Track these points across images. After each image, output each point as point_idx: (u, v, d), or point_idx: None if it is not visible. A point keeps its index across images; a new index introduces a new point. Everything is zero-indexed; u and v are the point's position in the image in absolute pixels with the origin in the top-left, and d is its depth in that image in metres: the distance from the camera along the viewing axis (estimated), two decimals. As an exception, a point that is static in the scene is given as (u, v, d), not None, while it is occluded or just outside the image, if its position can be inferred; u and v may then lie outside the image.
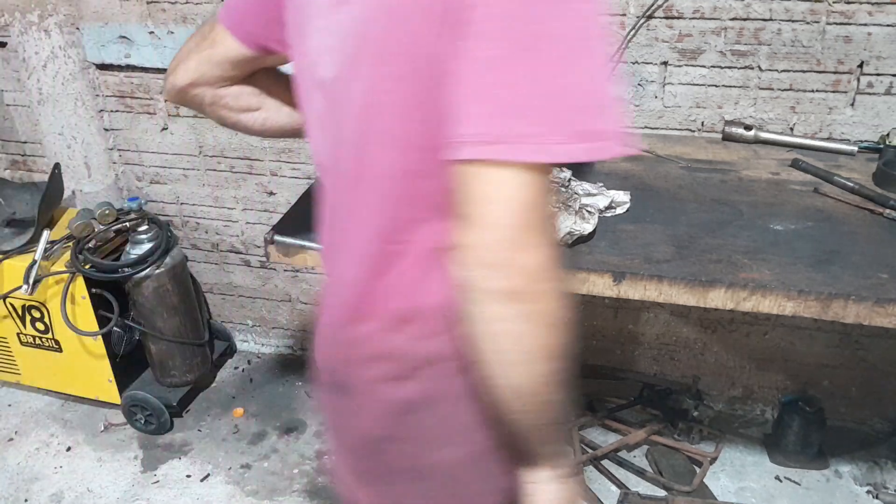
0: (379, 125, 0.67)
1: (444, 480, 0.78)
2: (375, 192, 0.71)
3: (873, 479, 1.97)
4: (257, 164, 2.23)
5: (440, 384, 0.74)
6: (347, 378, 0.79)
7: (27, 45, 2.09)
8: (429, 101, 0.63)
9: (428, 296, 0.71)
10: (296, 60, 0.81)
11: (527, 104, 0.57)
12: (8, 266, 2.06)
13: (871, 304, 1.21)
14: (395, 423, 0.76)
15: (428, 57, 0.61)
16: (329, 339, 0.82)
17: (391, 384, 0.75)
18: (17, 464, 2.15)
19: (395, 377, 0.74)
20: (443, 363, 0.73)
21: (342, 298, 0.77)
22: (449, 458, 0.76)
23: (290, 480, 2.06)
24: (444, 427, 0.75)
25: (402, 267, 0.71)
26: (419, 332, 0.73)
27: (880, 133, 1.75)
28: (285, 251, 1.48)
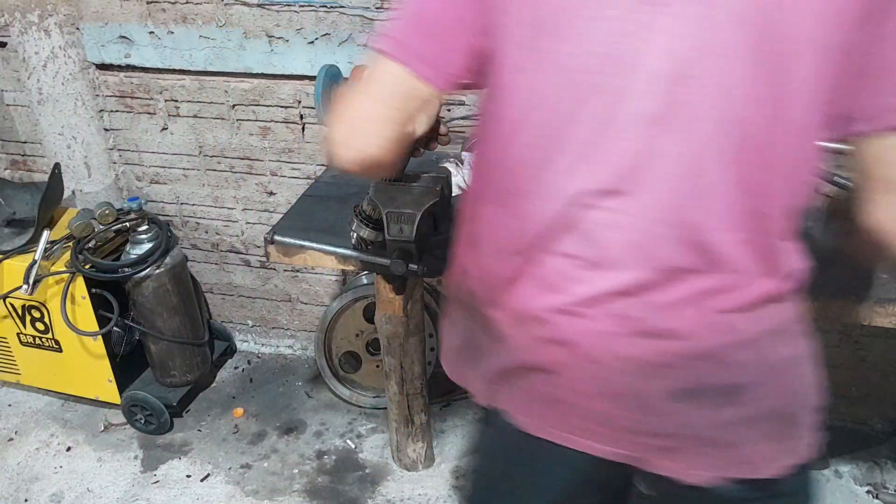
0: (787, 116, 0.70)
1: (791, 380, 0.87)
2: (781, 181, 0.74)
3: (873, 478, 1.97)
4: (257, 163, 2.23)
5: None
6: (743, 356, 0.80)
7: (27, 44, 2.09)
8: (832, 85, 0.70)
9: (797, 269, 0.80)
10: (547, 59, 0.74)
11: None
12: (8, 266, 2.06)
13: (871, 304, 1.21)
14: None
15: (841, 45, 0.68)
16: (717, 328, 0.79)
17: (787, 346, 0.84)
18: (16, 464, 2.15)
19: (789, 339, 0.84)
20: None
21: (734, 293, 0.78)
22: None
23: (290, 480, 2.06)
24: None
25: (789, 254, 0.79)
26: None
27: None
28: (285, 251, 1.49)
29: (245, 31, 1.99)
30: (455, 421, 2.25)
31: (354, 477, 2.06)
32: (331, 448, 2.17)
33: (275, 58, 2.01)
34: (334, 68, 1.84)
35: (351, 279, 2.34)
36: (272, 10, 1.95)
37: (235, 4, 1.96)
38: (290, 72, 2.02)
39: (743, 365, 0.79)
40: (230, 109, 2.15)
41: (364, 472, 2.08)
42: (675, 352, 0.77)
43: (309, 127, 2.12)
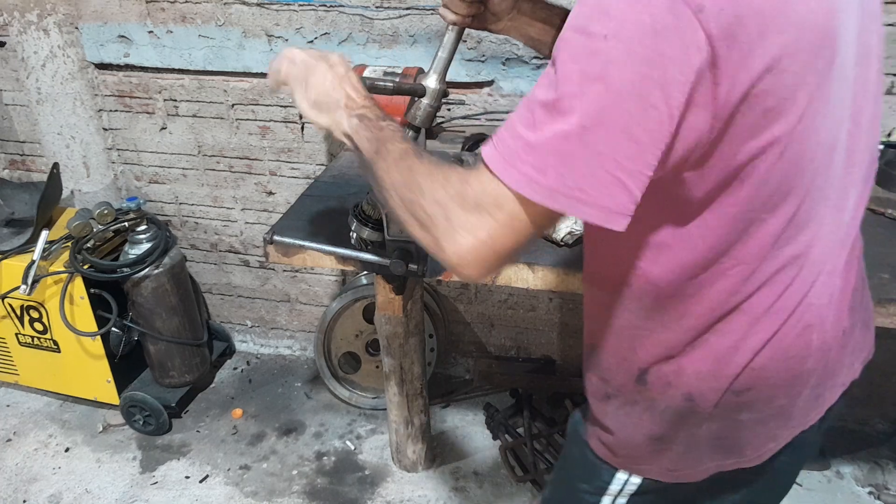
0: (878, 112, 0.84)
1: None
2: (875, 160, 0.87)
3: (875, 479, 1.96)
4: (256, 163, 2.22)
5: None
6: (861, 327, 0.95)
7: (26, 44, 2.08)
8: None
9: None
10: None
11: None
12: (6, 266, 2.06)
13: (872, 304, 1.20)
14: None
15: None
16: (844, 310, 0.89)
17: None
18: (15, 464, 2.14)
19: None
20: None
21: (844, 278, 0.87)
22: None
23: (288, 482, 2.05)
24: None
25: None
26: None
27: (882, 132, 1.75)
28: (284, 251, 1.48)
29: (244, 31, 1.99)
30: (455, 422, 2.24)
31: (354, 478, 2.06)
32: (330, 449, 2.16)
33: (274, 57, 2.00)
34: (334, 68, 1.84)
35: (350, 279, 2.33)
36: (271, 10, 1.94)
37: (235, 4, 1.96)
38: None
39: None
40: (229, 109, 2.15)
41: (363, 473, 2.08)
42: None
43: (308, 127, 2.12)
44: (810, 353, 0.83)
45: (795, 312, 0.80)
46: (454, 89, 1.94)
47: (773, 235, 0.74)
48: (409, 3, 1.85)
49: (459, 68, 1.89)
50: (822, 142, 0.72)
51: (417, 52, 1.90)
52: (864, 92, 0.79)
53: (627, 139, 0.63)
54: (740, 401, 0.84)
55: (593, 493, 0.97)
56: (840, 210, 0.81)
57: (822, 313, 0.83)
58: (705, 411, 0.85)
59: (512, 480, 2.01)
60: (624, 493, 0.96)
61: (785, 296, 0.79)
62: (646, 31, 0.60)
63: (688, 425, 0.87)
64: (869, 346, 1.01)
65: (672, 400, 0.86)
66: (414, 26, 1.87)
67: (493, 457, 2.10)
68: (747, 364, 0.82)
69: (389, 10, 1.87)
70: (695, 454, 0.90)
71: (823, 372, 0.87)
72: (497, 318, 2.30)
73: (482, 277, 0.76)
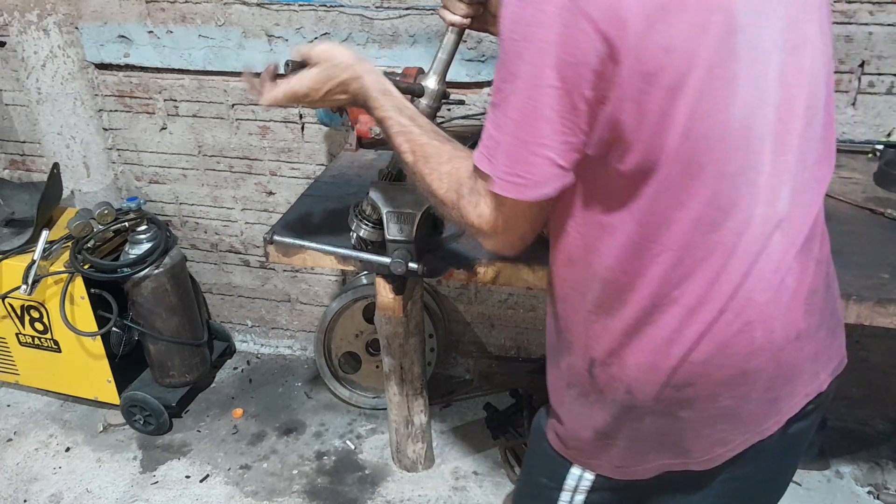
0: (821, 102, 0.85)
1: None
2: (830, 152, 0.89)
3: (874, 479, 1.97)
4: (256, 163, 2.23)
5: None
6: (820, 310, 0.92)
7: (26, 44, 2.09)
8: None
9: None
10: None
11: None
12: (7, 266, 2.06)
13: (872, 304, 1.21)
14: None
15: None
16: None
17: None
18: (15, 464, 2.14)
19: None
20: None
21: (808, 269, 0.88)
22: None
23: (289, 481, 2.06)
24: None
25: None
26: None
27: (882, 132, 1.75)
28: (284, 251, 1.48)
29: (244, 31, 1.99)
30: (455, 421, 2.25)
31: (354, 478, 2.06)
32: (330, 449, 2.17)
33: (274, 57, 2.00)
34: (334, 68, 1.84)
35: (350, 279, 2.33)
36: (271, 10, 1.94)
37: (235, 3, 1.96)
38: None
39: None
40: (229, 109, 2.15)
41: (364, 472, 2.08)
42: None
43: (308, 127, 2.12)
44: (754, 351, 0.84)
45: (731, 306, 0.81)
46: (454, 89, 1.94)
47: (693, 220, 0.78)
48: (409, 3, 1.85)
49: (459, 68, 1.89)
50: (731, 122, 0.75)
51: (417, 52, 1.90)
52: (796, 80, 0.80)
53: (541, 120, 0.75)
54: (680, 396, 0.85)
55: (553, 487, 0.99)
56: (773, 200, 0.81)
57: (767, 311, 0.83)
58: (645, 405, 0.86)
59: (512, 480, 2.01)
60: (580, 489, 0.97)
61: (716, 287, 0.80)
62: (537, 26, 0.72)
63: (630, 420, 0.89)
64: (839, 356, 0.97)
65: (616, 393, 0.88)
66: (414, 26, 1.87)
67: (493, 456, 2.10)
68: (685, 357, 0.83)
69: (389, 10, 1.87)
70: (638, 450, 0.91)
71: (775, 375, 0.87)
72: (497, 318, 2.30)
73: (508, 248, 0.90)
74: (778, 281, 0.83)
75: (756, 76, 0.75)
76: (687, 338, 0.82)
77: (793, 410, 0.91)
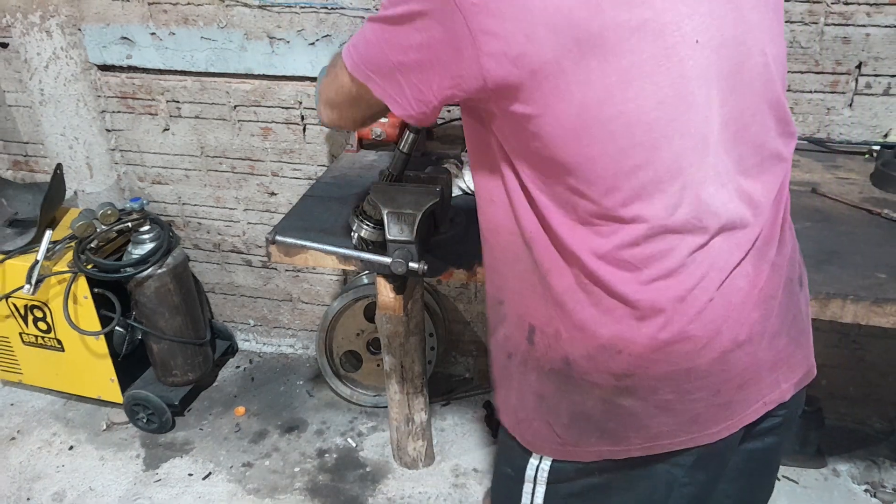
0: (781, 72, 0.85)
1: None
2: (777, 152, 0.87)
3: (871, 477, 1.98)
4: (259, 164, 2.24)
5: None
6: (787, 290, 0.91)
7: (29, 46, 2.10)
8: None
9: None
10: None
11: None
12: (10, 266, 2.07)
13: (869, 303, 1.22)
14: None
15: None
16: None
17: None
18: (19, 463, 2.16)
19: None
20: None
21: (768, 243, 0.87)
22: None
23: (291, 479, 2.07)
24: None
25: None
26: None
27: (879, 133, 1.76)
28: (286, 251, 1.49)
29: (246, 33, 2.00)
30: (455, 419, 2.26)
31: (355, 475, 2.07)
32: (332, 446, 2.18)
33: (276, 59, 2.01)
34: (335, 69, 1.85)
35: (351, 279, 2.35)
36: (273, 12, 1.96)
37: (237, 6, 1.97)
38: (292, 73, 2.02)
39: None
40: (231, 110, 2.16)
41: (365, 470, 2.09)
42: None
43: (310, 128, 2.13)
44: (695, 350, 0.82)
45: (669, 303, 0.81)
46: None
47: (605, 211, 0.79)
48: (409, 5, 1.86)
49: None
50: (622, 117, 0.75)
51: (418, 53, 1.91)
52: (730, 77, 0.79)
53: (405, 57, 0.84)
54: (620, 385, 0.85)
55: (516, 479, 0.99)
56: (706, 200, 0.80)
57: (712, 313, 0.82)
58: (584, 383, 0.87)
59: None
60: (540, 480, 0.96)
61: (640, 279, 0.81)
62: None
63: (568, 391, 0.89)
64: (804, 367, 0.95)
65: (554, 363, 0.88)
66: (414, 28, 1.88)
67: (492, 454, 2.12)
68: (618, 347, 0.83)
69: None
70: (581, 429, 0.90)
71: (724, 378, 0.85)
72: (497, 317, 2.31)
73: (326, 122, 1.11)
74: (721, 281, 0.82)
75: (661, 74, 0.75)
76: (622, 327, 0.82)
77: (749, 418, 0.89)
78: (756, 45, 0.81)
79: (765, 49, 0.82)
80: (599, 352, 0.84)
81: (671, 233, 0.79)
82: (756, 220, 0.85)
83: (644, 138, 0.76)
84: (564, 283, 0.85)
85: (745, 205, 0.84)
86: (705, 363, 0.83)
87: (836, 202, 1.53)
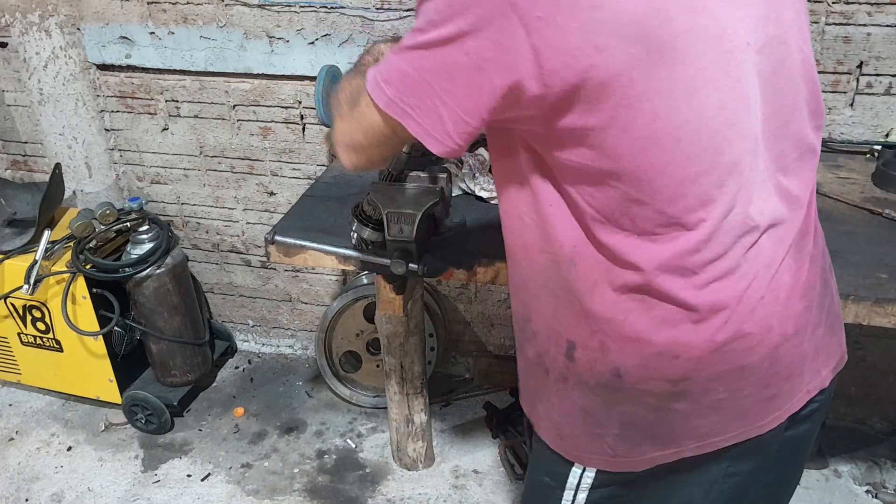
0: (814, 67, 0.86)
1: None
2: (812, 145, 0.88)
3: (872, 478, 1.97)
4: (258, 164, 2.23)
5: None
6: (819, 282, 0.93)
7: (28, 45, 2.09)
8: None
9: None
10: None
11: None
12: (9, 266, 2.06)
13: (870, 303, 1.22)
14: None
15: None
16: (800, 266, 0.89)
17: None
18: (17, 463, 2.15)
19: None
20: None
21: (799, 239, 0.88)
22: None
23: (290, 480, 2.06)
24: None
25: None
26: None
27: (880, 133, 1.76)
28: (286, 251, 1.49)
29: (246, 32, 2.00)
30: (455, 420, 2.25)
31: (355, 476, 2.07)
32: (331, 447, 2.17)
33: (275, 58, 2.01)
34: (335, 69, 1.84)
35: (351, 279, 2.34)
36: (273, 11, 1.95)
37: (236, 5, 1.97)
38: (291, 72, 2.02)
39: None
40: (231, 110, 2.16)
41: (364, 471, 2.09)
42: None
43: (309, 127, 2.13)
44: (750, 348, 0.84)
45: (724, 304, 0.81)
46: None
47: (667, 217, 0.78)
48: (409, 5, 1.86)
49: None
50: (689, 124, 0.75)
51: (418, 52, 1.90)
52: (772, 76, 0.80)
53: (451, 83, 0.76)
54: (675, 390, 0.85)
55: (556, 486, 0.99)
56: (756, 199, 0.81)
57: (762, 309, 0.83)
58: (637, 392, 0.86)
59: (511, 478, 2.02)
60: (582, 487, 0.97)
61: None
62: (467, 6, 0.72)
63: (619, 403, 0.88)
64: (839, 353, 0.98)
65: (601, 376, 0.88)
66: (414, 27, 1.88)
67: (492, 455, 2.11)
68: (676, 352, 0.83)
69: (390, 11, 1.88)
70: (632, 439, 0.90)
71: (772, 372, 0.86)
72: (497, 318, 2.31)
73: (351, 167, 0.97)
74: (770, 277, 0.83)
75: (723, 78, 0.75)
76: (680, 332, 0.82)
77: (794, 408, 0.91)
78: (794, 43, 0.83)
79: (801, 47, 0.84)
80: (654, 359, 0.84)
81: (727, 235, 0.80)
82: (794, 214, 0.86)
83: (708, 144, 0.76)
84: (612, 295, 0.84)
85: (785, 200, 0.85)
86: (757, 359, 0.84)
87: (837, 202, 1.53)
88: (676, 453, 0.90)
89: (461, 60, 0.75)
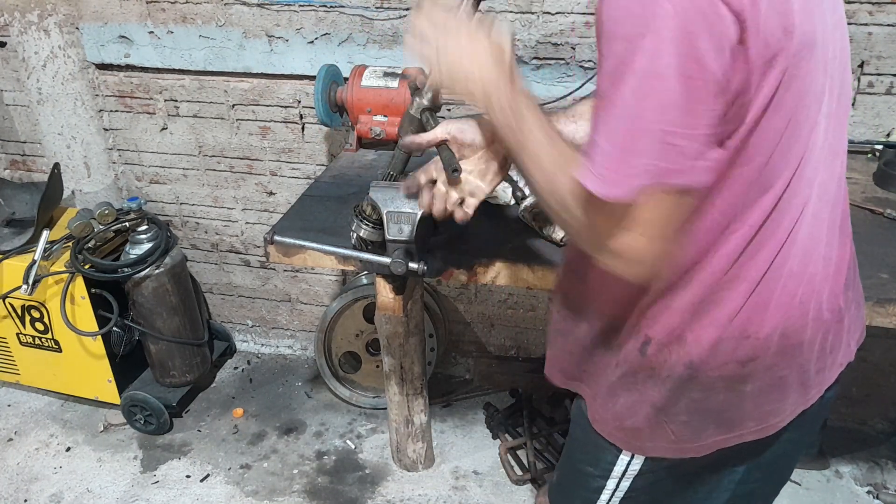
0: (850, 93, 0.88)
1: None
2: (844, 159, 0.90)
3: (874, 479, 1.97)
4: (257, 163, 2.23)
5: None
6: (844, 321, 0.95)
7: (27, 44, 2.09)
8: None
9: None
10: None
11: None
12: (7, 266, 2.06)
13: (871, 304, 1.21)
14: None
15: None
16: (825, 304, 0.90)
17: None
18: (16, 464, 2.15)
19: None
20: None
21: (832, 267, 0.90)
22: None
23: (289, 481, 2.06)
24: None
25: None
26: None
27: (881, 132, 1.75)
28: (285, 251, 1.48)
29: (245, 31, 1.99)
30: (455, 421, 2.25)
31: (354, 477, 2.06)
32: (331, 448, 2.17)
33: (274, 57, 2.00)
34: (334, 68, 1.84)
35: (351, 279, 2.34)
36: (272, 10, 1.95)
37: (235, 4, 1.96)
38: (290, 71, 2.02)
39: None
40: (230, 109, 2.15)
41: (364, 472, 2.08)
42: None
43: (309, 127, 2.12)
44: (808, 323, 0.87)
45: (790, 280, 0.84)
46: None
47: (773, 200, 0.79)
48: (408, 4, 1.85)
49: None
50: (808, 109, 0.78)
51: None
52: (839, 66, 0.83)
53: (676, 110, 0.68)
54: (744, 372, 0.87)
55: (599, 476, 0.99)
56: (821, 178, 0.84)
57: (816, 284, 0.87)
58: (708, 379, 0.87)
59: (511, 479, 2.01)
60: (628, 475, 0.98)
61: (777, 261, 0.82)
62: (670, 16, 0.65)
63: (689, 391, 0.89)
64: (862, 326, 1.02)
65: (673, 369, 0.88)
66: (414, 27, 1.87)
67: (492, 456, 2.11)
68: (747, 332, 0.84)
69: (389, 10, 1.87)
70: (697, 425, 0.91)
71: (822, 346, 0.90)
72: (497, 318, 2.31)
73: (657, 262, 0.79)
74: (824, 255, 0.87)
75: (819, 73, 0.78)
76: (752, 313, 0.84)
77: (831, 379, 0.96)
78: (846, 38, 0.86)
79: (847, 41, 0.87)
80: (726, 343, 0.85)
81: (790, 215, 0.82)
82: (839, 193, 0.89)
83: (803, 130, 0.78)
84: (702, 291, 0.84)
85: (836, 181, 0.88)
86: (811, 334, 0.88)
87: (838, 202, 1.52)
88: (739, 437, 0.91)
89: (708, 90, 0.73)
